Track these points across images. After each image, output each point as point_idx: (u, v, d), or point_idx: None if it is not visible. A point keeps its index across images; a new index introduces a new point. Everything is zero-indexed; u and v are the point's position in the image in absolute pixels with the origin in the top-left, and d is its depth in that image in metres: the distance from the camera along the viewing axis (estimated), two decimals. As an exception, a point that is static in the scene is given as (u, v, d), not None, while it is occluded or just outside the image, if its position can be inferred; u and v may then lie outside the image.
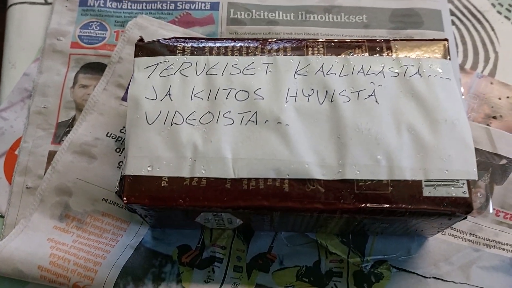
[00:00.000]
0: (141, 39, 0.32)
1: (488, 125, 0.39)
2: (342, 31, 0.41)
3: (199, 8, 0.41)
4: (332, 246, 0.34)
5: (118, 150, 0.36)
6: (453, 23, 0.42)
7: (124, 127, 0.37)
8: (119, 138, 0.36)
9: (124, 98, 0.38)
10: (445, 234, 0.35)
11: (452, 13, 0.43)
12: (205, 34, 0.41)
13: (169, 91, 0.30)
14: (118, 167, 0.36)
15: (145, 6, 0.42)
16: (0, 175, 0.36)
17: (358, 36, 0.41)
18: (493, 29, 0.42)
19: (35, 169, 0.36)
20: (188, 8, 0.41)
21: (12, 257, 0.32)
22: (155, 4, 0.42)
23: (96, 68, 0.39)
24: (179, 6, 0.41)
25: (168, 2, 0.42)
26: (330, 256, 0.34)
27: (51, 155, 0.36)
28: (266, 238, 0.34)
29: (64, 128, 0.37)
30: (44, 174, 0.36)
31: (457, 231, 0.35)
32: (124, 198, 0.28)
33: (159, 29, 0.40)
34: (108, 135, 0.37)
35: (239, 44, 0.31)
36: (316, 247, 0.34)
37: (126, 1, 0.42)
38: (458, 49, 0.41)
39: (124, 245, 0.33)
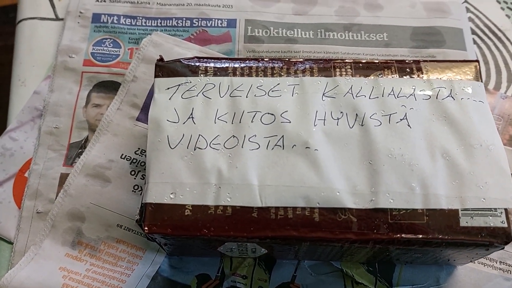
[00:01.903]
0: (161, 59, 0.30)
1: (514, 147, 0.37)
2: (363, 49, 0.40)
3: (216, 25, 0.40)
4: (358, 276, 0.32)
5: (133, 172, 0.35)
6: (474, 42, 0.41)
7: (139, 148, 0.35)
8: (134, 160, 0.35)
9: (139, 119, 0.36)
10: (474, 263, 0.33)
11: (473, 32, 0.42)
12: (222, 52, 0.39)
13: (192, 113, 0.28)
14: (133, 191, 0.34)
15: (160, 23, 0.40)
16: (9, 199, 0.34)
17: (379, 55, 0.39)
18: (515, 48, 0.42)
19: (46, 193, 0.34)
20: (205, 25, 0.40)
21: (22, 287, 0.30)
22: (170, 21, 0.40)
23: (109, 87, 0.38)
24: (195, 23, 0.40)
25: (184, 19, 0.40)
26: (357, 286, 0.32)
27: (63, 177, 0.35)
28: (288, 267, 0.33)
29: (76, 149, 0.36)
30: (56, 198, 0.34)
31: (486, 259, 0.33)
32: (146, 228, 0.26)
33: (175, 47, 0.39)
34: (123, 157, 0.35)
35: (263, 65, 0.30)
36: (342, 277, 0.32)
37: (141, 18, 0.41)
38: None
39: (140, 275, 0.31)
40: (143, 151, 0.35)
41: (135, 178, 0.34)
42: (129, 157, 0.35)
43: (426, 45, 0.40)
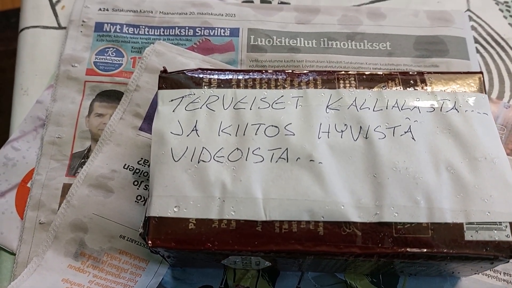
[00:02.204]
0: (165, 70, 0.30)
1: (517, 157, 0.37)
2: (366, 59, 0.40)
3: (219, 34, 0.40)
4: (362, 287, 0.32)
5: (136, 183, 0.35)
6: (477, 51, 0.41)
7: (142, 158, 0.35)
8: (137, 170, 0.35)
9: (142, 128, 0.36)
10: (478, 274, 0.33)
11: (476, 41, 0.42)
12: (224, 61, 0.39)
13: (195, 126, 0.28)
14: (136, 201, 0.34)
15: (163, 32, 0.40)
16: (11, 209, 0.34)
17: (382, 64, 0.39)
18: (518, 57, 0.41)
19: (49, 203, 0.34)
20: (207, 34, 0.40)
21: (25, 300, 0.30)
22: (173, 30, 0.40)
23: (112, 96, 0.38)
24: (198, 32, 0.40)
25: (187, 28, 0.40)
26: (361, 298, 0.32)
27: (66, 188, 0.35)
28: (292, 279, 0.33)
29: (79, 159, 0.36)
30: (58, 209, 0.34)
31: (491, 271, 0.33)
32: (149, 242, 0.26)
33: (178, 56, 0.39)
34: (126, 167, 0.35)
35: (267, 76, 0.30)
36: (345, 288, 0.32)
37: (143, 27, 0.40)
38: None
39: (143, 286, 0.31)
40: (146, 161, 0.35)
41: (138, 188, 0.34)
42: (132, 167, 0.35)
43: (430, 54, 0.40)
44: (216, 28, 0.40)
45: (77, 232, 0.33)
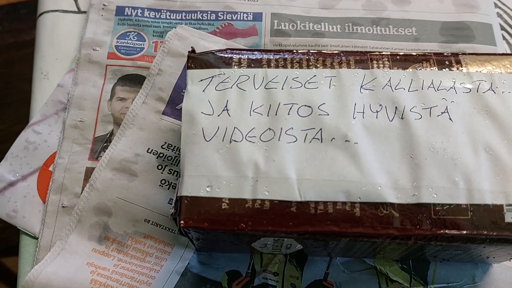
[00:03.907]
0: (193, 50, 0.30)
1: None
2: (392, 44, 0.39)
3: (241, 18, 0.40)
4: (393, 273, 0.32)
5: (160, 167, 0.34)
6: (503, 38, 0.41)
7: (165, 142, 0.35)
8: (161, 155, 0.34)
9: (165, 112, 0.36)
10: (510, 260, 0.32)
11: (502, 28, 0.41)
12: (247, 46, 0.39)
13: (226, 106, 0.28)
14: (160, 185, 0.33)
15: (185, 16, 0.40)
16: (33, 193, 0.34)
17: (408, 49, 0.39)
18: (545, 44, 0.41)
19: (72, 187, 0.34)
20: (230, 18, 0.40)
21: (50, 283, 0.29)
22: (195, 14, 0.40)
23: (134, 80, 0.37)
24: (220, 17, 0.40)
25: (209, 12, 0.40)
26: (391, 284, 0.31)
27: (88, 172, 0.34)
28: (320, 264, 0.32)
29: (101, 143, 0.35)
30: (81, 192, 0.33)
31: (522, 258, 0.33)
32: (182, 222, 0.25)
33: (200, 40, 0.38)
34: (149, 151, 0.34)
35: (298, 56, 0.29)
36: (375, 274, 0.32)
37: (165, 11, 0.40)
38: (510, 64, 0.40)
39: (170, 271, 0.31)
40: (170, 145, 0.35)
41: (162, 173, 0.34)
42: (155, 151, 0.34)
43: (456, 40, 0.39)
44: (239, 13, 0.40)
45: (101, 216, 0.32)
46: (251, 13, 0.40)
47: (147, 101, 0.36)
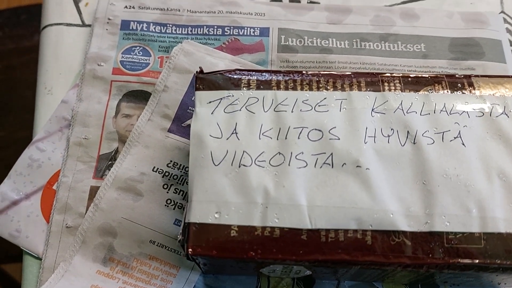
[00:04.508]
0: (201, 70, 0.29)
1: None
2: (400, 60, 0.38)
3: (248, 34, 0.39)
4: (402, 298, 0.31)
5: (165, 186, 0.33)
6: (513, 54, 0.40)
7: (171, 161, 0.34)
8: (167, 173, 0.34)
9: (171, 130, 0.35)
10: (520, 284, 0.32)
11: (511, 43, 0.41)
12: (254, 61, 0.38)
13: (235, 129, 0.27)
14: (166, 205, 0.33)
15: (191, 31, 0.39)
16: (37, 212, 0.33)
17: (417, 66, 0.38)
18: (554, 61, 0.40)
19: (76, 207, 0.33)
20: (237, 33, 0.39)
21: (54, 307, 0.29)
22: (202, 29, 0.39)
23: (139, 97, 0.37)
24: (226, 32, 0.39)
25: (216, 27, 0.39)
26: (400, 309, 0.31)
27: (93, 191, 0.33)
28: (328, 287, 0.31)
29: (106, 162, 0.35)
30: (86, 212, 0.33)
31: (533, 281, 0.32)
32: (190, 249, 0.25)
33: (206, 56, 0.38)
34: (155, 170, 0.34)
35: (308, 78, 0.29)
36: (384, 298, 0.31)
37: (171, 25, 0.39)
38: (520, 81, 0.39)
39: (176, 294, 0.30)
40: (175, 163, 0.34)
41: (167, 192, 0.33)
42: (161, 170, 0.34)
43: (465, 57, 0.39)
44: (246, 28, 0.39)
45: (105, 237, 0.32)
46: (258, 28, 0.39)
47: (152, 118, 0.35)
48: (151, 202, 0.33)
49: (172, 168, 0.34)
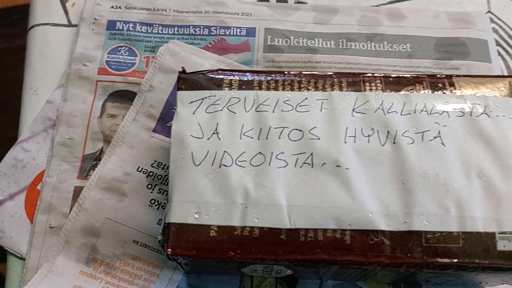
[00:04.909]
0: (184, 71, 0.29)
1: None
2: (385, 60, 0.38)
3: (235, 34, 0.39)
4: (385, 297, 0.31)
5: (149, 186, 0.33)
6: (499, 53, 0.40)
7: (155, 161, 0.34)
8: (151, 173, 0.34)
9: (156, 130, 0.35)
10: (506, 284, 0.32)
11: (497, 43, 0.41)
12: (240, 61, 0.38)
13: (216, 129, 0.27)
14: (150, 205, 0.33)
15: (177, 31, 0.39)
16: (21, 212, 0.33)
17: (402, 66, 0.38)
18: (540, 61, 0.40)
19: (60, 207, 0.33)
20: (223, 33, 0.39)
21: (36, 308, 0.29)
22: (188, 29, 0.39)
23: (125, 97, 0.37)
24: (213, 32, 0.39)
25: (202, 27, 0.39)
26: (383, 308, 0.31)
27: (77, 191, 0.33)
28: (311, 286, 0.32)
29: (90, 161, 0.35)
30: (70, 212, 0.33)
31: (516, 280, 0.32)
32: (169, 250, 0.25)
33: (192, 56, 0.38)
34: (139, 170, 0.34)
35: (290, 78, 0.29)
36: (367, 298, 0.31)
37: (157, 25, 0.39)
38: (505, 81, 0.39)
39: (159, 294, 0.30)
40: (160, 163, 0.34)
41: (151, 192, 0.33)
42: (145, 170, 0.34)
43: (450, 57, 0.39)
44: (232, 28, 0.39)
45: (89, 237, 0.32)
46: (245, 28, 0.39)
47: (137, 118, 0.35)
48: (135, 202, 0.33)
49: (156, 168, 0.34)
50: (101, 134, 0.36)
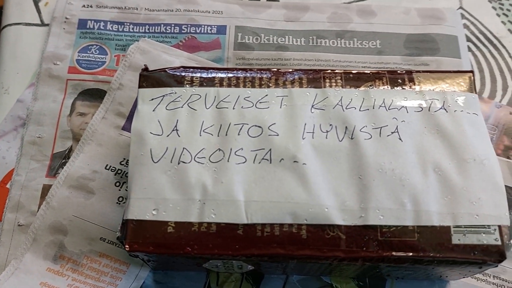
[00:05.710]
0: (146, 68, 0.29)
1: (508, 157, 0.37)
2: (355, 57, 0.39)
3: (205, 32, 0.39)
4: (349, 291, 0.31)
5: (117, 184, 0.34)
6: (469, 49, 0.41)
7: (124, 159, 0.34)
8: (119, 171, 0.34)
9: (125, 128, 0.35)
10: (467, 277, 0.32)
11: (468, 39, 0.41)
12: (210, 59, 0.38)
13: (176, 125, 0.27)
14: (117, 202, 0.33)
15: (148, 29, 0.39)
16: (-11, 211, 0.33)
17: (371, 62, 0.39)
18: (510, 56, 0.41)
19: (28, 205, 0.33)
20: (194, 31, 0.39)
21: (1, 305, 0.29)
22: (159, 27, 0.39)
23: (94, 95, 0.37)
24: (184, 30, 0.39)
25: (173, 25, 0.39)
26: (347, 302, 0.31)
27: (46, 189, 0.34)
28: (277, 281, 0.32)
29: (59, 160, 0.35)
30: (38, 211, 0.33)
31: (480, 274, 0.33)
32: (127, 246, 0.25)
33: (163, 54, 0.38)
34: (107, 167, 0.34)
35: (251, 75, 0.29)
36: (332, 292, 0.32)
37: (128, 24, 0.40)
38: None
39: (124, 290, 0.30)
40: (128, 161, 0.34)
41: (119, 190, 0.34)
42: (113, 168, 0.34)
43: (420, 53, 0.39)
44: (203, 26, 0.40)
45: (56, 235, 0.32)
46: (215, 26, 0.40)
47: (106, 116, 0.36)
48: (102, 200, 0.33)
49: (125, 165, 0.34)
50: (70, 133, 0.36)
